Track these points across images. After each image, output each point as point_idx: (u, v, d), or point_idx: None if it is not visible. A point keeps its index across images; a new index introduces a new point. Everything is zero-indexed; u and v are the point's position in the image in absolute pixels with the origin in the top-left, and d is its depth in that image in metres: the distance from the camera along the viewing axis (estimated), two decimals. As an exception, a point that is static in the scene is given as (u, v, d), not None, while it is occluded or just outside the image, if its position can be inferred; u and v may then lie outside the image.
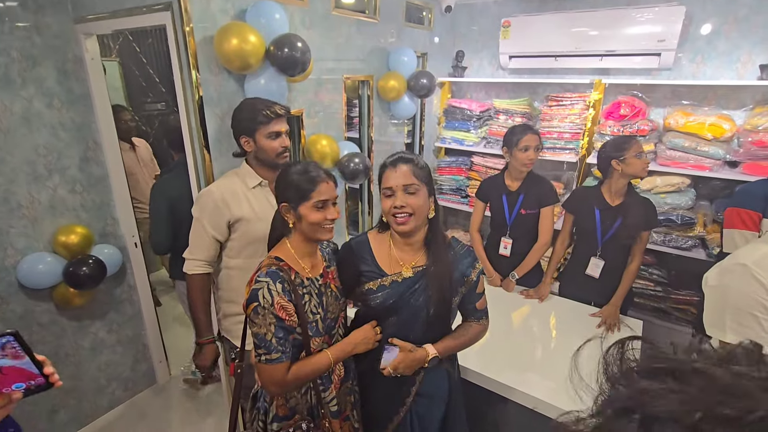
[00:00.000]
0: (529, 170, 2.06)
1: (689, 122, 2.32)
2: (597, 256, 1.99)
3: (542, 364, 1.61)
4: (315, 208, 1.12)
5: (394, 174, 1.14)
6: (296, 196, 1.13)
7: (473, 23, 3.21)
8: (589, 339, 0.58)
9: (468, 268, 1.22)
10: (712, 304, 1.13)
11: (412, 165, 1.15)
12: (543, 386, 1.45)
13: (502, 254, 2.17)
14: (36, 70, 1.86)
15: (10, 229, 1.88)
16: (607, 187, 1.95)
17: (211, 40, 1.54)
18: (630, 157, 1.83)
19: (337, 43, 2.15)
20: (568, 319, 1.92)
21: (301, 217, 1.13)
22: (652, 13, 2.41)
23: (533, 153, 1.98)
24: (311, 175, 1.13)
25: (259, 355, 1.06)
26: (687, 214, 2.39)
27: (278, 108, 1.49)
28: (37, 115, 1.89)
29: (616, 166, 1.87)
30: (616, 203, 1.93)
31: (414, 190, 1.13)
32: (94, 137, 2.11)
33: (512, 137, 2.00)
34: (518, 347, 1.70)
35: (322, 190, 1.12)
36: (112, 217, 2.25)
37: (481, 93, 3.31)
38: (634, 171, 1.85)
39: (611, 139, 1.97)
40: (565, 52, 2.74)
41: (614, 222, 1.92)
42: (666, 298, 2.60)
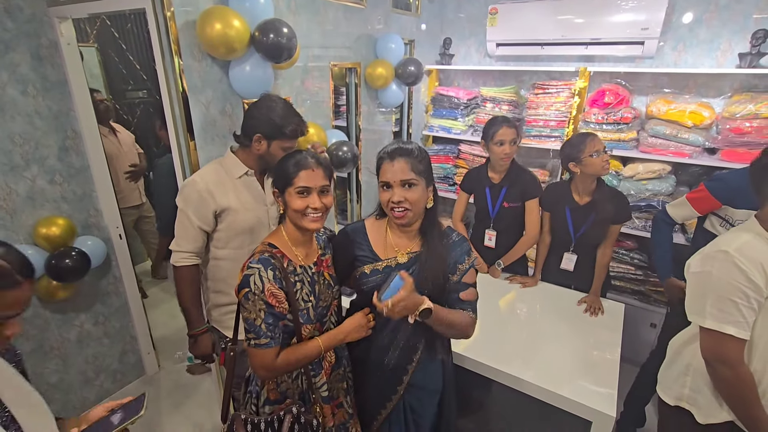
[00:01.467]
0: (509, 163, 2.02)
1: (671, 110, 2.37)
2: (570, 251, 2.01)
3: (528, 346, 1.65)
4: (298, 195, 1.11)
5: (392, 168, 1.13)
6: (282, 182, 1.13)
7: (461, 10, 3.19)
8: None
9: (462, 256, 1.22)
10: (693, 290, 1.17)
11: (411, 158, 1.13)
12: (529, 368, 1.49)
13: (487, 245, 2.18)
14: (8, 56, 1.78)
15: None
16: (575, 186, 1.95)
17: (194, 25, 1.50)
18: (586, 157, 1.80)
19: (323, 30, 2.11)
20: (551, 303, 1.97)
21: (286, 202, 1.14)
22: (636, 1, 2.43)
23: (508, 147, 1.93)
24: (297, 159, 1.13)
25: (249, 340, 1.08)
26: (668, 200, 2.45)
27: (305, 128, 1.48)
28: (12, 103, 1.82)
29: (573, 168, 1.86)
30: (584, 201, 1.92)
31: (412, 185, 1.13)
32: (73, 126, 2.04)
33: (489, 130, 1.97)
34: (504, 330, 1.74)
35: (303, 176, 1.11)
36: (95, 208, 2.20)
37: (468, 81, 3.31)
38: (593, 170, 1.82)
39: (567, 140, 1.94)
40: (551, 40, 2.75)
41: (585, 219, 1.92)
42: (645, 281, 2.68)
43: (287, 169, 1.12)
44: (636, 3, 2.43)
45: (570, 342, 1.66)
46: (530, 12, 2.75)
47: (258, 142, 1.45)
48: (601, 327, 1.78)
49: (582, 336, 1.70)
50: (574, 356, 1.57)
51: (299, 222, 1.14)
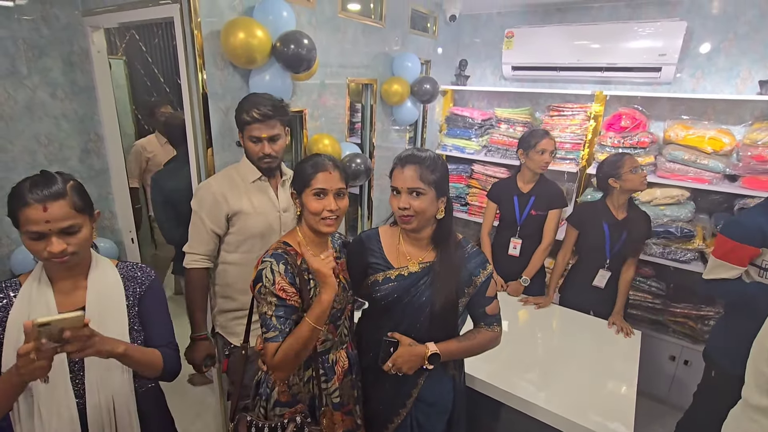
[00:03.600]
0: (541, 174, 2.15)
1: (689, 135, 2.34)
2: (605, 268, 2.06)
3: (541, 370, 1.59)
4: (315, 197, 1.12)
5: (402, 175, 1.14)
6: (299, 184, 1.15)
7: (477, 33, 3.25)
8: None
9: (477, 269, 1.20)
10: None
11: (422, 166, 1.12)
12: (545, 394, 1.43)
13: (512, 254, 2.24)
14: (42, 61, 1.87)
15: (4, 218, 1.85)
16: (611, 202, 2.03)
17: (218, 35, 1.55)
18: (626, 173, 1.92)
19: (342, 46, 2.17)
20: (570, 327, 1.93)
21: (303, 204, 1.14)
22: (654, 28, 2.45)
23: (549, 156, 2.07)
24: (314, 162, 1.14)
25: (263, 334, 1.07)
26: (686, 227, 2.39)
27: (263, 110, 1.41)
28: (41, 105, 1.89)
29: (613, 183, 1.97)
30: (621, 217, 2.01)
31: (419, 193, 1.12)
32: (96, 129, 2.10)
33: (530, 140, 2.08)
34: (520, 354, 1.69)
35: (321, 178, 1.12)
36: (110, 211, 2.23)
37: (483, 102, 3.33)
38: (632, 186, 1.94)
39: (605, 159, 2.05)
40: (566, 64, 2.77)
41: (621, 235, 2.00)
42: (663, 311, 2.59)
43: (305, 170, 1.14)
44: (653, 29, 2.45)
45: (585, 370, 1.59)
46: (546, 36, 2.78)
47: (241, 139, 1.50)
48: (618, 356, 1.71)
49: (597, 364, 1.63)
50: (589, 385, 1.50)
51: (315, 225, 1.15)
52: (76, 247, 0.95)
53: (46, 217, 0.89)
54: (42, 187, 0.91)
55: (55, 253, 0.91)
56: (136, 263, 1.16)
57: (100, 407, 1.00)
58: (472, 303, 1.23)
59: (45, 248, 0.91)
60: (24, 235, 0.92)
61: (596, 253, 2.06)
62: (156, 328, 1.11)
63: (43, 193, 0.90)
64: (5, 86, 1.78)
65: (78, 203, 0.95)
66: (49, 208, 0.90)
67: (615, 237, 2.01)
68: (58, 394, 0.96)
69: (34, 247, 0.92)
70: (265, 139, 1.45)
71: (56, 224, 0.91)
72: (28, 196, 0.89)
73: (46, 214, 0.89)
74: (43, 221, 0.89)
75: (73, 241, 0.94)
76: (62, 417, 0.96)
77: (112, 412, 1.01)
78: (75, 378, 0.99)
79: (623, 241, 2.00)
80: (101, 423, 1.00)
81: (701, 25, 2.46)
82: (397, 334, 1.19)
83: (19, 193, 0.91)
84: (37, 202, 0.89)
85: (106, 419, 1.01)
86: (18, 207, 0.90)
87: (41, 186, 0.91)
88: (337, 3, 2.06)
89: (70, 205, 0.93)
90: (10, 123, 1.81)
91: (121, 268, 1.11)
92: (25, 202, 0.89)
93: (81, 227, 0.96)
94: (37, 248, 0.92)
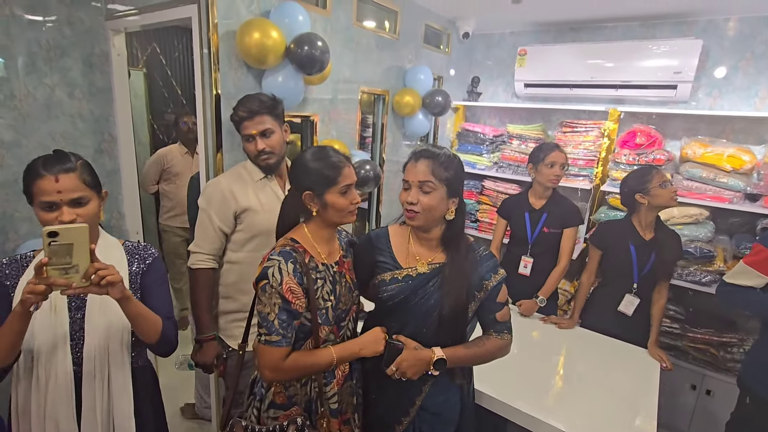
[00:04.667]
0: (553, 189, 2.06)
1: (707, 153, 2.28)
2: (633, 293, 1.89)
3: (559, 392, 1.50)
4: (341, 194, 1.10)
5: (414, 169, 1.11)
6: (321, 184, 1.09)
7: (489, 52, 3.29)
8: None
9: (488, 273, 1.15)
10: None
11: (435, 162, 1.10)
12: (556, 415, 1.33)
13: (522, 273, 2.12)
14: (62, 61, 1.91)
15: (15, 213, 1.87)
16: (638, 221, 1.88)
17: (234, 35, 1.57)
18: (654, 188, 1.78)
19: (355, 56, 2.19)
20: (587, 349, 1.81)
21: (327, 204, 1.10)
22: (669, 46, 2.43)
23: (559, 170, 1.98)
24: (333, 160, 1.10)
25: (260, 335, 1.03)
26: (706, 247, 2.30)
27: (248, 106, 1.43)
28: (58, 104, 1.93)
29: (641, 199, 1.82)
30: (649, 237, 1.86)
31: (429, 189, 1.09)
32: (111, 130, 2.13)
33: (539, 153, 2.01)
34: (534, 372, 1.60)
35: (347, 174, 1.11)
36: (118, 211, 2.23)
37: (495, 120, 3.33)
38: (662, 201, 1.79)
39: (631, 173, 1.92)
40: (580, 82, 2.76)
41: (649, 257, 1.84)
42: (682, 336, 2.46)
43: (325, 170, 1.09)
44: (668, 48, 2.43)
45: (601, 395, 1.49)
46: (559, 54, 2.79)
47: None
48: (636, 383, 1.59)
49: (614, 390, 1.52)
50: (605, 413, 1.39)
51: (341, 219, 1.13)
52: (85, 219, 1.01)
53: (57, 188, 0.97)
54: (54, 162, 0.99)
55: (65, 222, 0.97)
56: (140, 242, 1.21)
57: (95, 376, 1.03)
58: (482, 309, 1.17)
59: (56, 218, 0.97)
60: (37, 208, 0.99)
61: (622, 276, 1.90)
62: (156, 301, 1.13)
63: (55, 167, 0.98)
64: (26, 83, 1.82)
65: (87, 178, 1.03)
66: (60, 180, 0.97)
67: (643, 259, 1.85)
68: (56, 357, 1.00)
69: (46, 218, 0.98)
70: (256, 135, 1.45)
71: (67, 195, 0.98)
72: (41, 169, 0.98)
73: (58, 184, 0.97)
74: (54, 191, 0.96)
75: (82, 212, 1.00)
76: (58, 381, 1.00)
77: (106, 382, 1.04)
78: (75, 345, 1.03)
79: (652, 264, 1.84)
80: (94, 391, 1.03)
81: (717, 45, 2.44)
82: (402, 337, 1.13)
83: (34, 167, 0.99)
84: (50, 174, 0.97)
85: (99, 389, 1.03)
86: (32, 180, 0.98)
87: (54, 161, 1.00)
88: (352, 14, 2.10)
89: (80, 178, 1.01)
90: (27, 119, 1.84)
91: (126, 247, 1.18)
92: (38, 174, 0.97)
93: (89, 201, 1.03)
94: (49, 218, 0.98)
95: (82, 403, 1.02)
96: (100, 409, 1.03)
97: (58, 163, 0.99)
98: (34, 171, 0.98)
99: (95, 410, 1.02)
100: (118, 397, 1.06)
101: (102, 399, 1.04)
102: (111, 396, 1.05)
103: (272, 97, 1.48)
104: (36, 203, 0.98)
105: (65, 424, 1.00)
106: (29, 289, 0.86)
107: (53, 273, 0.87)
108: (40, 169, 0.97)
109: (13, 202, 1.86)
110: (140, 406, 1.11)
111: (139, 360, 1.14)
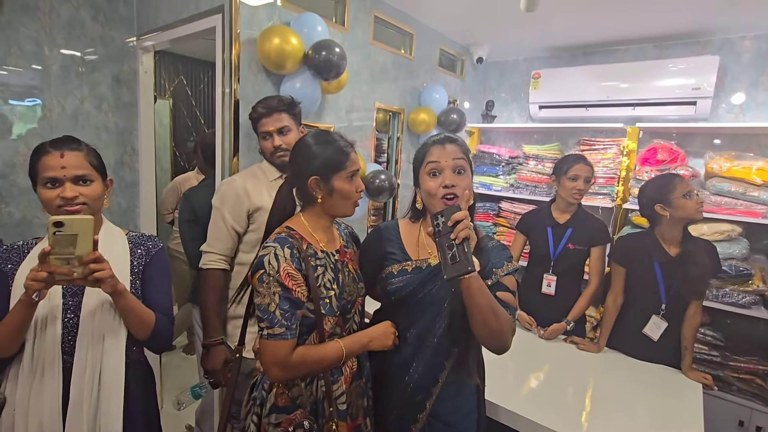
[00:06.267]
0: (578, 204, 1.92)
1: (734, 167, 2.21)
2: (660, 316, 1.70)
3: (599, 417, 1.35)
4: (348, 180, 1.06)
5: (444, 151, 1.05)
6: (329, 167, 1.04)
7: (503, 78, 3.35)
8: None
9: (500, 261, 1.07)
10: None
11: (460, 146, 1.07)
12: None
13: (546, 293, 1.94)
14: (93, 75, 2.01)
15: (34, 219, 1.89)
16: (661, 235, 1.71)
17: (255, 42, 1.63)
18: (677, 198, 1.61)
19: (372, 72, 2.25)
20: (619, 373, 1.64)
21: (334, 190, 1.04)
22: (685, 64, 2.43)
23: (582, 184, 1.85)
24: (340, 144, 1.07)
25: (262, 330, 0.94)
26: (741, 265, 2.16)
27: (268, 103, 1.46)
28: (85, 115, 2.00)
29: (661, 211, 1.65)
30: (675, 252, 1.67)
31: (462, 170, 1.05)
32: (133, 143, 2.19)
33: (562, 165, 1.90)
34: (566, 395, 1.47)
35: (354, 159, 1.07)
36: (134, 224, 2.25)
37: (511, 143, 3.33)
38: (685, 214, 1.61)
39: (650, 180, 1.77)
40: (595, 101, 2.76)
41: (678, 274, 1.66)
42: (724, 365, 2.26)
43: (332, 154, 1.04)
44: (684, 65, 2.43)
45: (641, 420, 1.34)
46: (573, 76, 2.81)
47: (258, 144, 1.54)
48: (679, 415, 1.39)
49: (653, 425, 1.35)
50: None
51: (345, 209, 1.08)
52: (87, 199, 1.01)
53: (62, 163, 0.98)
54: (62, 141, 1.03)
55: (68, 198, 0.97)
56: (144, 233, 1.18)
57: (86, 370, 0.98)
58: None
59: (58, 195, 0.97)
60: (40, 187, 0.99)
61: (647, 295, 1.72)
62: (155, 294, 1.10)
63: (63, 146, 1.01)
64: (57, 95, 1.91)
65: (92, 160, 1.05)
66: (65, 156, 0.99)
67: (669, 277, 1.66)
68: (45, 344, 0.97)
69: (49, 195, 0.98)
70: (274, 132, 1.47)
71: (71, 171, 0.99)
72: (48, 147, 1.01)
73: (63, 160, 0.98)
74: (59, 167, 0.98)
75: (86, 192, 1.00)
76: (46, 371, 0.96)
77: (97, 376, 0.99)
78: (67, 334, 0.99)
79: (681, 282, 1.65)
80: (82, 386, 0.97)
81: (734, 62, 2.43)
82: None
83: (42, 146, 1.02)
84: (56, 150, 1.00)
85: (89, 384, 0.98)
86: (39, 157, 0.99)
87: (61, 140, 1.03)
88: (369, 31, 2.17)
89: (86, 158, 1.03)
90: (55, 129, 1.91)
91: (130, 237, 1.14)
92: (45, 151, 1.00)
93: (93, 181, 1.03)
94: (51, 195, 0.97)
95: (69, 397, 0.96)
96: (87, 404, 0.97)
97: (66, 142, 1.02)
98: (41, 149, 1.00)
99: (82, 405, 0.96)
100: (107, 394, 0.99)
101: (91, 395, 0.98)
102: (100, 392, 0.99)
103: (291, 98, 1.51)
104: (40, 181, 0.98)
105: (49, 419, 0.94)
106: (32, 276, 0.86)
107: (55, 262, 0.87)
108: (47, 146, 1.00)
109: (34, 208, 1.88)
110: (131, 406, 1.04)
111: (134, 353, 1.09)
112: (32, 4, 1.79)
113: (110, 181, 1.10)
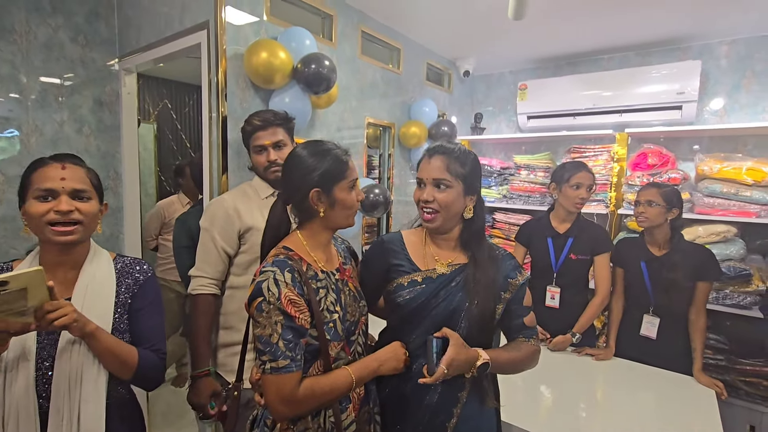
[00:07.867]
0: (578, 212, 1.88)
1: (724, 168, 2.22)
2: (650, 313, 1.77)
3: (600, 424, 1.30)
4: (349, 190, 1.00)
5: (428, 166, 1.05)
6: (329, 178, 0.97)
7: (490, 91, 3.38)
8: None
9: (512, 271, 1.06)
10: None
11: (450, 158, 1.03)
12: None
13: (550, 305, 1.88)
14: (73, 98, 1.94)
15: (10, 250, 1.79)
16: (649, 236, 1.79)
17: (241, 57, 1.60)
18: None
19: (361, 86, 2.23)
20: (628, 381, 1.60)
21: (336, 201, 0.98)
22: (668, 69, 2.48)
23: (585, 192, 1.82)
24: (336, 153, 1.00)
25: (264, 363, 0.85)
26: (739, 266, 2.15)
27: (263, 116, 1.42)
28: (65, 139, 1.93)
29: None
30: (661, 253, 1.76)
31: (445, 186, 1.02)
32: (116, 167, 2.12)
33: (563, 173, 1.85)
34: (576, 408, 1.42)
35: (353, 168, 1.02)
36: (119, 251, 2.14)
37: (501, 154, 3.34)
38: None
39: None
40: (583, 110, 2.78)
41: (665, 274, 1.71)
42: (730, 369, 2.22)
43: (332, 163, 0.98)
44: (668, 71, 2.47)
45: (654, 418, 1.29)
46: (559, 86, 2.85)
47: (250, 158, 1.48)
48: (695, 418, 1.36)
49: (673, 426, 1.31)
50: None
51: (345, 220, 1.02)
52: (84, 216, 0.94)
53: (62, 174, 0.92)
54: (63, 155, 0.98)
55: (63, 212, 0.91)
56: (135, 258, 1.09)
57: (63, 415, 0.89)
58: (508, 312, 1.06)
59: (52, 208, 0.90)
60: (31, 201, 0.91)
61: (638, 295, 1.81)
62: (144, 327, 1.01)
63: (64, 158, 0.96)
64: (35, 119, 1.83)
65: (93, 178, 1.00)
66: (67, 167, 0.94)
67: (656, 276, 1.73)
68: (18, 387, 0.88)
69: (39, 209, 0.90)
70: (269, 146, 1.41)
71: (70, 183, 0.93)
72: (48, 159, 0.95)
73: (64, 171, 0.93)
74: (58, 178, 0.92)
75: (83, 208, 0.94)
76: (20, 416, 0.88)
77: (76, 420, 0.89)
78: (42, 376, 0.90)
79: (665, 280, 1.71)
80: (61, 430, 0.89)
81: (715, 66, 2.49)
82: (447, 330, 0.96)
83: (40, 159, 0.96)
84: (57, 162, 0.94)
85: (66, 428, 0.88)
86: (35, 168, 0.93)
87: (62, 154, 0.98)
88: (357, 46, 2.16)
89: (86, 174, 0.98)
90: (35, 154, 1.83)
91: (117, 263, 1.06)
92: (44, 163, 0.94)
93: (90, 199, 0.97)
94: (42, 209, 0.90)
95: None
96: None
97: (68, 156, 0.98)
98: (40, 161, 0.95)
99: None
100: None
101: None
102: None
103: (285, 112, 1.48)
104: (31, 194, 0.90)
105: None
106: None
107: (7, 318, 0.79)
108: (46, 159, 0.95)
109: (10, 238, 1.78)
110: None
111: (118, 392, 1.00)
112: (8, 26, 1.74)
113: (105, 206, 1.03)
